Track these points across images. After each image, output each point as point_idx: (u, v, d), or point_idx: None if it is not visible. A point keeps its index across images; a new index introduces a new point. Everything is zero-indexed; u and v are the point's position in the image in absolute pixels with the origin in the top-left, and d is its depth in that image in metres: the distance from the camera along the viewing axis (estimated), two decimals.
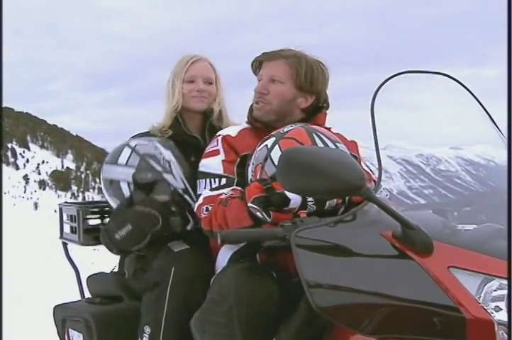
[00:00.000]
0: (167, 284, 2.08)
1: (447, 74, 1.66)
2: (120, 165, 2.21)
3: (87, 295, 2.63)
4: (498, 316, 1.29)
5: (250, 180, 1.91)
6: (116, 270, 2.49)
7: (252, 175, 1.91)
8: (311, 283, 1.34)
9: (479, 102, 1.70)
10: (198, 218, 2.00)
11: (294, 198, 1.74)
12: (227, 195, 1.92)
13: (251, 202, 1.77)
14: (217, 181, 2.01)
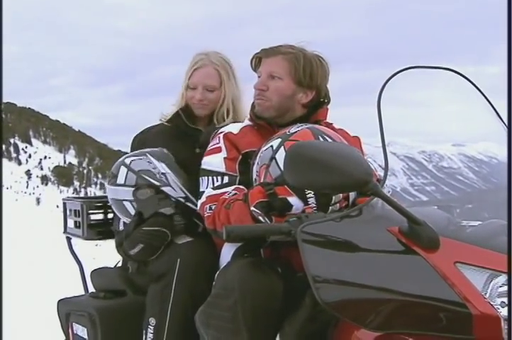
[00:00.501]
0: (173, 275, 2.09)
1: (452, 69, 1.65)
2: (120, 185, 2.29)
3: (90, 289, 2.64)
4: (505, 311, 1.29)
5: (254, 180, 1.90)
6: (120, 264, 2.50)
7: (256, 175, 1.89)
8: (317, 278, 1.33)
9: (485, 97, 1.68)
10: (202, 216, 2.00)
11: (296, 204, 1.74)
12: (230, 195, 1.92)
13: (254, 206, 1.77)
14: (219, 179, 2.01)
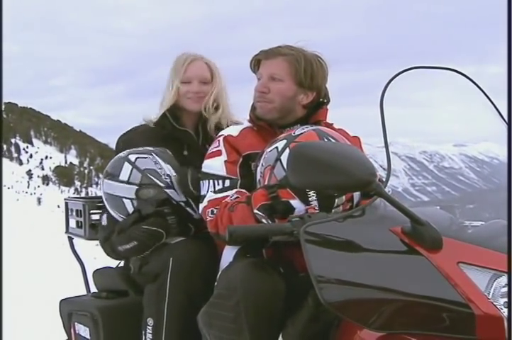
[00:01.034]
0: (167, 274, 2.09)
1: (455, 70, 1.65)
2: (122, 181, 2.24)
3: (92, 289, 2.64)
4: (507, 312, 1.29)
5: (258, 181, 1.90)
6: (122, 265, 2.50)
7: (260, 176, 1.89)
8: (320, 278, 1.33)
9: (488, 97, 1.68)
10: (204, 220, 1.99)
11: (298, 207, 1.74)
12: (232, 199, 1.92)
13: (257, 209, 1.77)
14: (220, 183, 2.00)
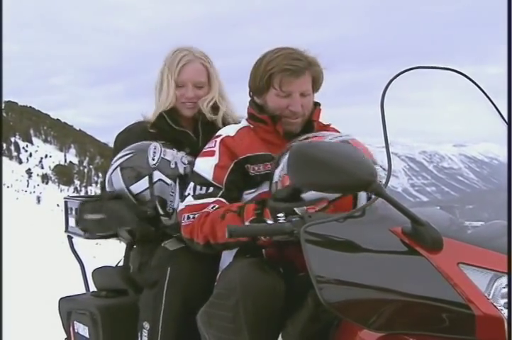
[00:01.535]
0: (164, 283, 2.09)
1: (455, 70, 1.65)
2: (130, 192, 2.19)
3: (92, 288, 2.64)
4: (507, 312, 1.29)
5: (275, 183, 1.88)
6: (121, 264, 2.50)
7: (279, 179, 1.86)
8: (320, 278, 1.34)
9: (488, 98, 1.68)
10: (179, 223, 1.98)
11: None
12: (212, 209, 1.90)
13: (249, 222, 1.78)
14: (204, 189, 1.98)
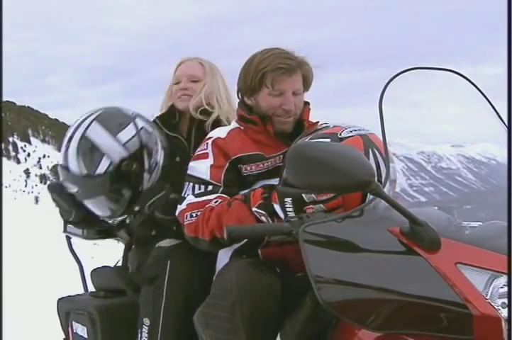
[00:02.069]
0: (164, 278, 2.09)
1: (455, 71, 1.65)
2: (118, 141, 2.11)
3: (90, 288, 2.64)
4: (505, 312, 1.29)
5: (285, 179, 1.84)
6: (120, 264, 2.50)
7: None
8: (318, 278, 1.34)
9: (486, 98, 1.69)
10: (181, 224, 1.95)
11: (279, 212, 1.72)
12: (215, 204, 1.87)
13: (256, 207, 1.77)
14: (203, 187, 1.95)
